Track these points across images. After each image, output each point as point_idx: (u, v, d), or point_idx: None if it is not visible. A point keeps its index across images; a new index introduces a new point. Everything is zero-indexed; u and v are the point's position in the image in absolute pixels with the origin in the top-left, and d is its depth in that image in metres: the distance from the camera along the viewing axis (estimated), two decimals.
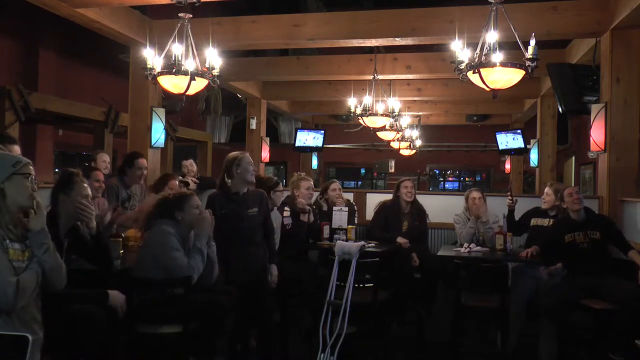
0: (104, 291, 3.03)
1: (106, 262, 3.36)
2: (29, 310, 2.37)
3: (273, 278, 4.07)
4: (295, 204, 5.01)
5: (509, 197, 5.05)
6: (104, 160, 5.65)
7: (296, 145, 10.31)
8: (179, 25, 4.14)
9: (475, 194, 5.09)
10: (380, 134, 8.08)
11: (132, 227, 4.40)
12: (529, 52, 3.56)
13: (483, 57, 3.64)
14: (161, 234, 3.44)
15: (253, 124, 9.57)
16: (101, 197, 4.42)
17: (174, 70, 3.95)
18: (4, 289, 2.24)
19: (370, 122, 6.91)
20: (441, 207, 5.95)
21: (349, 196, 6.51)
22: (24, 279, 2.32)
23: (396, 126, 7.85)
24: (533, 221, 4.83)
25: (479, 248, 4.64)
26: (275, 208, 4.71)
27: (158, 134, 6.12)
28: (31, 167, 2.44)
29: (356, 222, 5.65)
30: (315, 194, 5.58)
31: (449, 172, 15.78)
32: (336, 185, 5.59)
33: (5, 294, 2.24)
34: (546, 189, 4.87)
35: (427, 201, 5.76)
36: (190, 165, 6.42)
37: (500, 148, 9.85)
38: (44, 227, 2.45)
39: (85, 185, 3.22)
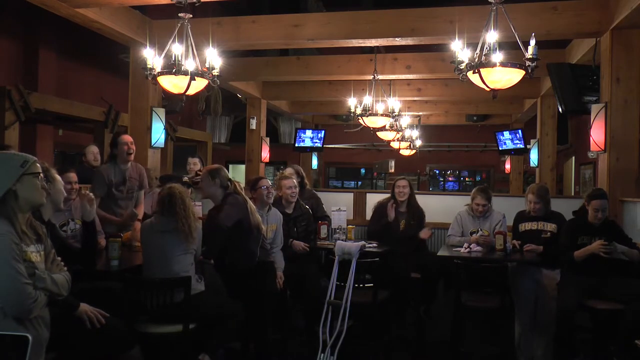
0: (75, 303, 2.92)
1: (88, 258, 3.37)
2: (42, 308, 2.39)
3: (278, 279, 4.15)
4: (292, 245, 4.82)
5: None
6: (92, 151, 5.79)
7: (296, 145, 10.31)
8: (179, 25, 4.13)
9: (480, 201, 4.94)
10: (380, 134, 8.08)
11: None
12: (529, 52, 3.56)
13: (483, 57, 3.64)
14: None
15: (253, 124, 9.58)
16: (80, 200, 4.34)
17: (174, 70, 3.95)
18: (23, 298, 2.26)
19: (370, 122, 6.90)
20: (441, 207, 5.95)
21: (349, 196, 6.53)
22: (51, 282, 2.38)
23: (396, 126, 7.85)
24: (521, 227, 4.78)
25: (479, 248, 4.64)
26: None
27: (158, 134, 6.12)
28: (38, 165, 2.45)
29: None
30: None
31: (449, 172, 15.78)
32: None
33: (24, 303, 2.27)
34: (531, 197, 4.68)
35: (427, 201, 5.76)
36: (194, 164, 6.46)
37: (500, 148, 9.86)
38: None
39: (59, 179, 3.19)
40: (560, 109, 5.84)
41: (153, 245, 3.59)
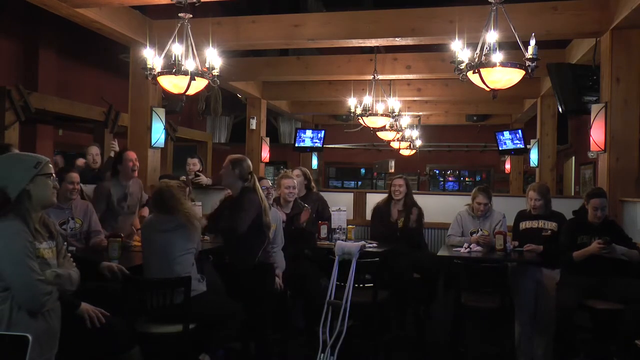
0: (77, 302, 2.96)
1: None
2: (52, 301, 2.45)
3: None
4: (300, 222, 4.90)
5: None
6: (91, 153, 5.79)
7: (296, 145, 10.31)
8: (179, 25, 4.13)
9: (481, 199, 4.94)
10: (380, 134, 8.08)
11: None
12: (529, 52, 3.56)
13: (483, 57, 3.64)
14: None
15: (253, 124, 9.58)
16: (80, 200, 4.33)
17: (174, 70, 3.95)
18: (36, 293, 2.33)
19: (370, 122, 6.90)
20: (441, 207, 5.95)
21: (349, 196, 6.53)
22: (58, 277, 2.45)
23: (396, 126, 7.85)
24: (522, 225, 4.78)
25: (479, 248, 4.64)
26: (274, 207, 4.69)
27: (158, 134, 6.12)
28: (51, 166, 2.52)
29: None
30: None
31: (449, 172, 15.78)
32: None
33: (37, 298, 2.34)
34: (532, 194, 4.71)
35: (427, 201, 5.77)
36: (194, 164, 6.48)
37: (500, 148, 9.85)
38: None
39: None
40: (560, 109, 5.85)
41: (154, 244, 3.57)
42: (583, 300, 4.04)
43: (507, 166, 11.93)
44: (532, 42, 3.55)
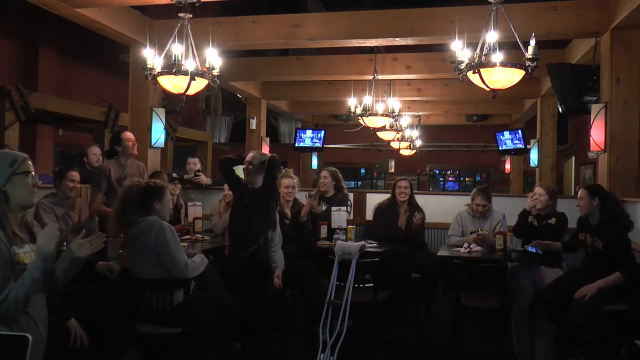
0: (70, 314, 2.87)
1: None
2: (36, 308, 2.31)
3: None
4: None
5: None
6: (95, 152, 5.83)
7: (296, 145, 10.31)
8: (179, 25, 4.14)
9: (480, 201, 4.93)
10: (380, 134, 8.08)
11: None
12: (529, 52, 3.56)
13: (483, 57, 3.64)
14: (163, 230, 3.34)
15: (253, 124, 9.58)
16: (78, 198, 4.45)
17: (174, 70, 3.95)
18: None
19: (370, 122, 6.90)
20: (441, 207, 5.95)
21: (349, 196, 6.51)
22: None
23: (396, 126, 7.85)
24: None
25: (479, 248, 4.63)
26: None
27: (158, 134, 6.12)
28: (29, 162, 2.34)
29: None
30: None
31: (449, 172, 15.78)
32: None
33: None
34: (537, 189, 4.73)
35: (427, 201, 5.76)
36: (194, 164, 6.51)
37: (500, 148, 9.86)
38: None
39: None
40: (560, 109, 5.85)
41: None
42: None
43: (507, 166, 11.93)
44: (532, 42, 3.55)
